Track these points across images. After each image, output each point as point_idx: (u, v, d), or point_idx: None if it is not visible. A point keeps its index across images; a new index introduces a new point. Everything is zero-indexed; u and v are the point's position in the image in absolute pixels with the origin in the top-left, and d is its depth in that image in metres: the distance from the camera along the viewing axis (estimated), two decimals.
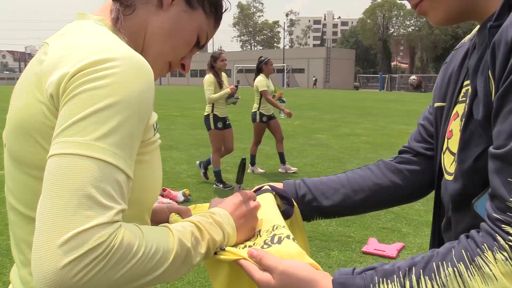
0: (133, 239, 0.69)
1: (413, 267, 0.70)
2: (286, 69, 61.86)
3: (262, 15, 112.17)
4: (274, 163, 8.02)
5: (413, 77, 50.75)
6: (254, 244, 0.91)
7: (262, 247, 0.87)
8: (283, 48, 69.39)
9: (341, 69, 63.36)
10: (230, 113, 6.95)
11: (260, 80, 7.22)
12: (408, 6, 0.90)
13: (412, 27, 74.58)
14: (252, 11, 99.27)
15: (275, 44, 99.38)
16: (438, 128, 0.98)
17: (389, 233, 4.66)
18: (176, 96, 31.58)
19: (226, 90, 6.30)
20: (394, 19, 77.99)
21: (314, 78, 61.42)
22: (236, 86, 6.51)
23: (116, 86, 0.72)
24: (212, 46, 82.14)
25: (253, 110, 7.51)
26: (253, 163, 7.51)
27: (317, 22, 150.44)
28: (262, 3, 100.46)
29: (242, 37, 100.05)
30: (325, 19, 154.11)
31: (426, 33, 69.69)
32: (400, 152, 1.16)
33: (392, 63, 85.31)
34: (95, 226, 0.65)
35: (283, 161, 7.60)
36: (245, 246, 0.90)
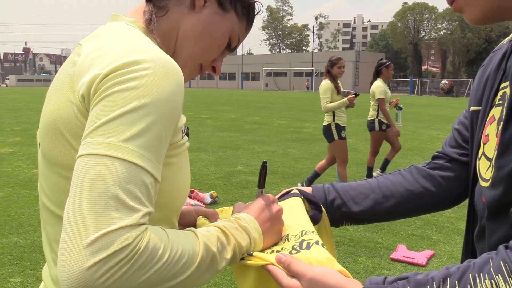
0: (158, 242, 0.69)
1: (448, 278, 0.67)
2: (315, 73, 61.60)
3: (291, 19, 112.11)
4: (302, 166, 7.99)
5: (444, 81, 49.82)
6: (282, 249, 0.89)
7: (290, 253, 0.85)
8: (312, 51, 69.13)
9: (370, 72, 61.63)
10: (257, 115, 6.95)
11: (378, 86, 6.68)
12: (440, 9, 0.88)
13: (444, 31, 73.15)
14: (281, 14, 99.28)
15: (303, 48, 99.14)
16: (474, 133, 0.96)
17: (418, 240, 4.57)
18: (205, 98, 31.85)
19: (344, 100, 5.85)
20: (426, 22, 76.69)
21: None
22: (355, 94, 5.97)
23: (146, 88, 0.72)
24: (241, 49, 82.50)
25: (370, 118, 6.90)
26: (370, 176, 6.90)
27: (346, 25, 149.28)
28: (291, 7, 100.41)
29: (271, 40, 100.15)
30: (354, 23, 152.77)
31: (459, 37, 68.24)
32: (433, 157, 1.13)
33: (423, 67, 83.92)
34: (121, 227, 0.65)
35: (384, 168, 7.22)
36: (273, 251, 0.89)
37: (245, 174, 7.26)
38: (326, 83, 5.88)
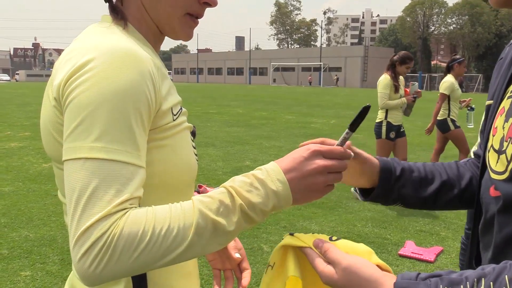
0: (135, 223, 0.73)
1: (483, 279, 0.65)
2: (323, 68, 61.38)
3: (299, 13, 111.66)
4: None
5: None
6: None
7: (330, 239, 0.83)
8: (320, 46, 68.86)
9: (379, 68, 62.28)
10: (265, 111, 6.91)
11: (446, 81, 6.25)
12: (450, 3, 0.87)
13: (454, 25, 72.50)
14: (289, 9, 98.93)
15: (312, 43, 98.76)
16: (486, 126, 0.96)
17: (427, 236, 4.56)
18: (212, 93, 31.87)
19: (403, 99, 5.59)
20: (435, 16, 76.00)
21: (335, 77, 60.79)
22: (414, 98, 5.71)
23: (100, 85, 0.76)
24: (249, 44, 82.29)
25: (440, 118, 6.42)
26: None
27: (355, 20, 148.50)
28: (299, 1, 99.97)
29: (279, 35, 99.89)
30: (363, 17, 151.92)
31: (468, 31, 67.57)
32: (474, 155, 1.15)
33: (432, 62, 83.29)
34: (97, 220, 0.72)
35: None
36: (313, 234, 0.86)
37: (253, 169, 7.22)
38: (386, 79, 5.56)
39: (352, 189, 5.78)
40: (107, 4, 0.96)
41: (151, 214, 0.75)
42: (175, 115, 0.91)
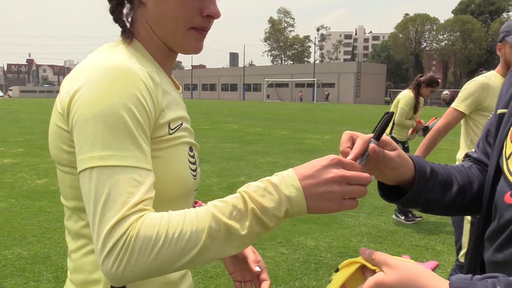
0: (151, 226, 0.78)
1: None
2: (316, 84, 61.75)
3: (293, 30, 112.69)
4: None
5: (445, 92, 49.66)
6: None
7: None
8: (314, 62, 69.38)
9: (372, 83, 62.84)
10: (259, 126, 6.93)
11: None
12: (442, 20, 0.90)
13: (445, 41, 73.40)
14: (283, 26, 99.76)
15: (305, 59, 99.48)
16: (497, 134, 0.98)
17: (422, 250, 4.56)
18: (207, 109, 31.93)
19: (413, 123, 5.57)
20: (427, 33, 76.95)
21: (326, 93, 61.18)
22: (425, 129, 5.56)
23: (99, 100, 0.83)
24: (243, 60, 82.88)
25: None
26: None
27: (348, 36, 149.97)
28: (293, 18, 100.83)
29: (273, 52, 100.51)
30: (356, 34, 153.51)
31: (460, 47, 68.42)
32: (472, 160, 1.14)
33: None
34: (115, 223, 0.77)
35: None
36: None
37: None
38: (409, 96, 5.51)
39: (394, 216, 5.64)
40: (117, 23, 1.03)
41: (166, 218, 0.80)
42: (172, 129, 0.96)
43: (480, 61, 65.22)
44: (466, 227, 2.86)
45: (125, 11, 1.02)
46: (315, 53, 76.42)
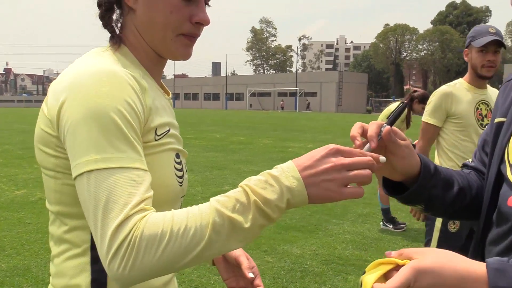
0: (155, 224, 0.78)
1: None
2: (299, 93, 62.11)
3: (275, 40, 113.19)
4: None
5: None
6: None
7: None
8: (296, 72, 69.86)
9: (353, 92, 63.46)
10: (242, 135, 6.91)
11: None
12: (421, 30, 0.92)
13: (425, 51, 74.64)
14: (265, 35, 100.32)
15: (287, 68, 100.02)
16: (496, 142, 1.00)
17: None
18: (189, 119, 31.81)
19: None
20: (407, 43, 78.13)
21: (307, 102, 61.68)
22: (413, 147, 5.63)
23: (88, 105, 0.84)
24: (225, 70, 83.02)
25: None
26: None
27: (329, 46, 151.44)
28: (275, 28, 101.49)
29: (255, 61, 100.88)
30: (337, 44, 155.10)
31: (439, 57, 69.64)
32: (469, 168, 1.17)
33: (405, 87, 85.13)
34: (118, 225, 0.77)
35: None
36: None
37: None
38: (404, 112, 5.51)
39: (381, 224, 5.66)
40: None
41: (169, 216, 0.80)
42: (158, 135, 0.96)
43: (459, 70, 66.39)
44: (435, 235, 2.89)
45: (114, 17, 1.03)
46: (297, 62, 77.05)
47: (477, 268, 0.71)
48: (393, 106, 5.75)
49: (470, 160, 1.19)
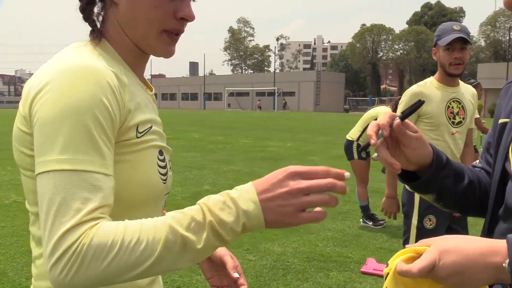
0: (106, 233, 0.76)
1: None
2: (277, 93, 62.28)
3: (253, 40, 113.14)
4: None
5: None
6: None
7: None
8: (274, 71, 70.01)
9: (331, 92, 63.94)
10: (221, 135, 6.88)
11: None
12: (397, 30, 0.95)
13: (401, 51, 75.70)
14: (243, 35, 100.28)
15: (265, 68, 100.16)
16: (500, 141, 1.03)
17: (386, 253, 4.63)
18: (167, 119, 31.57)
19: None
20: (383, 43, 79.11)
21: (283, 101, 61.97)
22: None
23: (59, 102, 0.81)
24: (203, 70, 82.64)
25: None
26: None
27: (307, 46, 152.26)
28: (253, 28, 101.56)
29: (233, 61, 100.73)
30: (315, 44, 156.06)
31: (415, 57, 70.73)
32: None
33: (381, 86, 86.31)
34: (68, 229, 0.75)
35: None
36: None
37: (212, 193, 7.04)
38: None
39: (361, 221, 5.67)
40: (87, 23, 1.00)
41: (122, 226, 0.77)
42: (140, 132, 0.93)
43: (434, 69, 67.23)
44: (413, 232, 2.93)
45: (95, 10, 0.99)
46: (275, 62, 77.25)
47: (497, 243, 0.78)
48: (381, 110, 5.66)
49: (477, 161, 1.24)
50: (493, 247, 0.78)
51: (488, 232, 1.04)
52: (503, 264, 0.75)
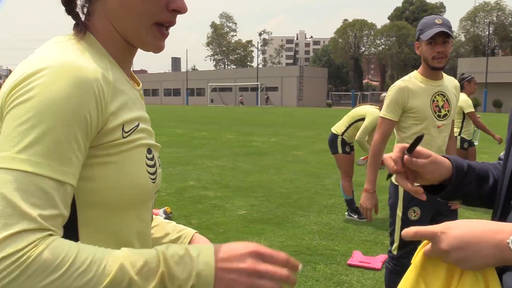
0: (56, 252, 0.71)
1: None
2: (260, 87, 62.29)
3: (235, 35, 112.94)
4: (253, 179, 7.98)
5: (384, 94, 51.38)
6: None
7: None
8: (257, 67, 69.96)
9: (314, 87, 64.16)
10: (205, 131, 6.85)
11: (466, 100, 6.15)
12: (379, 25, 0.96)
13: (383, 46, 76.30)
14: (225, 30, 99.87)
15: (248, 63, 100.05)
16: None
17: (372, 245, 4.68)
18: (150, 115, 30.95)
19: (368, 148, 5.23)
20: (365, 38, 79.61)
21: (265, 96, 62.11)
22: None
23: (39, 97, 0.76)
24: (186, 65, 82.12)
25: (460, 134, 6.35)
26: None
27: (289, 41, 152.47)
28: (235, 23, 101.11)
29: (216, 56, 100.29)
30: (297, 39, 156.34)
31: (396, 52, 71.35)
32: None
33: (364, 81, 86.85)
34: (13, 234, 0.69)
35: None
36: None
37: (197, 189, 7.17)
38: (377, 116, 4.94)
39: (346, 214, 5.72)
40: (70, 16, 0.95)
41: (75, 249, 0.73)
42: (126, 132, 0.89)
43: (415, 64, 68.15)
44: (398, 223, 2.96)
45: (79, 2, 0.94)
46: (258, 57, 76.82)
47: (504, 224, 0.82)
48: (368, 111, 5.57)
49: (503, 153, 1.26)
50: (500, 225, 0.82)
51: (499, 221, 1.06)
52: (507, 241, 0.77)
